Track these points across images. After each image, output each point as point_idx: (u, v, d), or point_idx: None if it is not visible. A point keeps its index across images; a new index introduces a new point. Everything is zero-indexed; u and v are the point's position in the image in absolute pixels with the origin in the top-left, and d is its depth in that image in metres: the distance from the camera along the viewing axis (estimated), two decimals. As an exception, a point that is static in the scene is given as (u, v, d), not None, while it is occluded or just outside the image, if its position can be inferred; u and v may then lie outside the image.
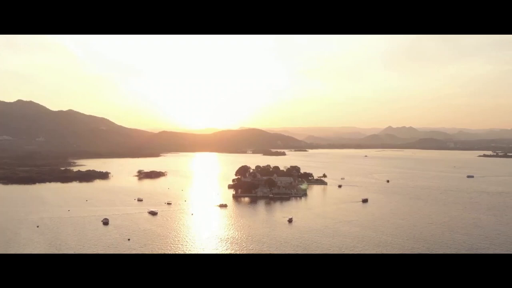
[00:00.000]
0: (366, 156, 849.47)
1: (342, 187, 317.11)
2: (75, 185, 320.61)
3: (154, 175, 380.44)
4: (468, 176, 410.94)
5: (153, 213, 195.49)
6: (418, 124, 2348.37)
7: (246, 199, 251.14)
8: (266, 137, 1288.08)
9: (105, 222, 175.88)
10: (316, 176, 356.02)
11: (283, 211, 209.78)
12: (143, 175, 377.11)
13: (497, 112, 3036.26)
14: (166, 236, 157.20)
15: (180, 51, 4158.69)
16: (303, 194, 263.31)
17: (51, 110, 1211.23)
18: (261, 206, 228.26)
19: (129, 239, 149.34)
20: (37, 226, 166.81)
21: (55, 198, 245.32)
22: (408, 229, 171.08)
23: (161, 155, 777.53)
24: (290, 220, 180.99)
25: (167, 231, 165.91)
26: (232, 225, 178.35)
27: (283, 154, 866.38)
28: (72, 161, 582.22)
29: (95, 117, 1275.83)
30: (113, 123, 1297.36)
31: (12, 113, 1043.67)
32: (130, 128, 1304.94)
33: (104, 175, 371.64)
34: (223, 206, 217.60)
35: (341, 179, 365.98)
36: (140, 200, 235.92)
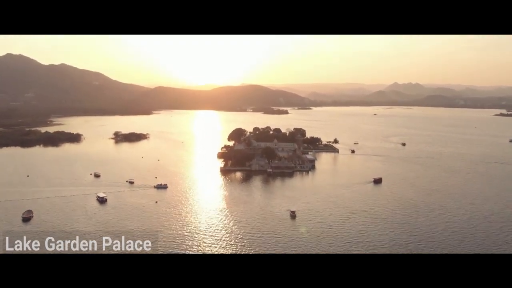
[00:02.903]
0: (375, 114, 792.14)
1: (355, 155, 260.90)
2: (34, 151, 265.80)
3: (134, 137, 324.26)
4: (511, 141, 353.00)
5: (101, 200, 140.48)
6: (424, 81, 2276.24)
7: (238, 174, 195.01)
8: (268, 93, 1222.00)
9: (27, 218, 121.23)
10: (325, 140, 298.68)
11: (283, 196, 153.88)
12: (120, 137, 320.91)
13: (505, 69, 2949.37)
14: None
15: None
16: (310, 167, 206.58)
17: (42, 64, 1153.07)
18: (255, 186, 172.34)
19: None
20: None
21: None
22: (467, 229, 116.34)
23: (153, 113, 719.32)
24: (292, 214, 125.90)
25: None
26: (202, 223, 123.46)
27: (286, 112, 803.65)
28: (53, 119, 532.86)
29: (88, 71, 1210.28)
30: (108, 78, 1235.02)
31: (0, 67, 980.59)
32: (125, 83, 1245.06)
33: (74, 138, 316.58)
34: (162, 187, 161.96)
35: (354, 143, 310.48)
36: (97, 175, 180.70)
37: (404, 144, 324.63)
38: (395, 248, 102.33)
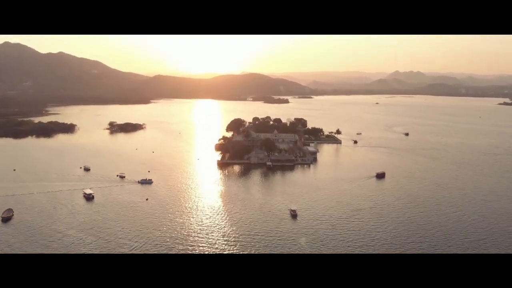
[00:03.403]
0: (377, 103, 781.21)
1: (359, 146, 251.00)
2: (25, 142, 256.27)
3: (129, 128, 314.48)
4: None
5: (88, 197, 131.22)
6: (426, 69, 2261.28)
7: (235, 168, 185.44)
8: (268, 82, 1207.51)
9: (6, 218, 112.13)
10: (327, 131, 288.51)
11: (284, 192, 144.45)
12: (116, 128, 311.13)
13: (506, 57, 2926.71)
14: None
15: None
16: (312, 160, 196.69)
17: (40, 53, 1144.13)
18: (253, 181, 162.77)
19: None
20: None
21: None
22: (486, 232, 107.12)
23: (151, 102, 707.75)
24: (293, 214, 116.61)
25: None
26: (194, 224, 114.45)
27: (286, 101, 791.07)
28: (49, 108, 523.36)
29: (87, 60, 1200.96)
30: (107, 66, 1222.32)
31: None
32: (125, 72, 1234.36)
33: (68, 128, 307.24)
34: (146, 182, 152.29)
35: (357, 134, 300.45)
36: (87, 169, 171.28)
37: (407, 134, 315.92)
38: (404, 250, 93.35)
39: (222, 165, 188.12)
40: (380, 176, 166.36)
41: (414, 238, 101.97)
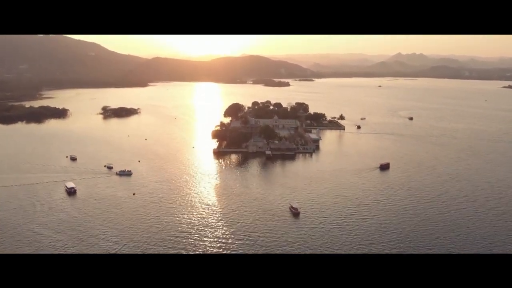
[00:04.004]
0: (380, 86, 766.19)
1: (363, 133, 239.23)
2: (13, 128, 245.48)
3: (124, 112, 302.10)
4: None
5: (70, 192, 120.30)
6: (428, 51, 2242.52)
7: (233, 157, 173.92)
8: (269, 64, 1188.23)
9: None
10: (329, 116, 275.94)
11: (284, 186, 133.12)
12: (109, 113, 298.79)
13: (507, 40, 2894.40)
14: None
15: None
16: (314, 148, 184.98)
17: (36, 36, 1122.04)
18: (251, 173, 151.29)
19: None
20: None
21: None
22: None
23: (148, 85, 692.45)
24: (295, 211, 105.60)
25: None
26: (184, 223, 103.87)
27: (287, 84, 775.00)
28: (44, 92, 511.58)
29: (84, 42, 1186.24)
30: (105, 48, 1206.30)
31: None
32: (123, 54, 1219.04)
33: (60, 113, 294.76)
34: (125, 173, 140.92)
35: (361, 119, 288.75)
36: (73, 158, 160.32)
37: (411, 119, 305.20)
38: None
39: (218, 154, 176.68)
40: (384, 167, 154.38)
41: (425, 240, 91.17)
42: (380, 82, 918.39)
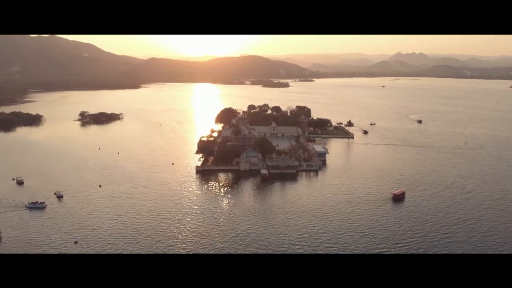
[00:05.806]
0: (383, 86, 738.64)
1: (373, 142, 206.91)
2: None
3: (104, 119, 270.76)
4: None
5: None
6: (428, 50, 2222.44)
7: (220, 177, 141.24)
8: (268, 65, 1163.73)
9: None
10: (335, 121, 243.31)
11: (282, 224, 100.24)
12: (87, 119, 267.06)
13: (508, 39, 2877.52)
14: None
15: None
16: (319, 165, 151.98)
17: (30, 36, 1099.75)
18: (240, 203, 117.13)
19: None
20: None
21: None
22: None
23: (141, 86, 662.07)
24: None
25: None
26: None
27: (286, 85, 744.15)
28: (29, 95, 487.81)
29: (79, 43, 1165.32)
30: (100, 49, 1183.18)
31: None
32: (118, 55, 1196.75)
33: (33, 120, 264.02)
34: (36, 206, 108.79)
35: (370, 124, 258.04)
36: (20, 182, 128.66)
37: (420, 122, 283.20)
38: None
39: (203, 173, 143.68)
40: (399, 198, 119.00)
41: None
42: (382, 82, 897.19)
